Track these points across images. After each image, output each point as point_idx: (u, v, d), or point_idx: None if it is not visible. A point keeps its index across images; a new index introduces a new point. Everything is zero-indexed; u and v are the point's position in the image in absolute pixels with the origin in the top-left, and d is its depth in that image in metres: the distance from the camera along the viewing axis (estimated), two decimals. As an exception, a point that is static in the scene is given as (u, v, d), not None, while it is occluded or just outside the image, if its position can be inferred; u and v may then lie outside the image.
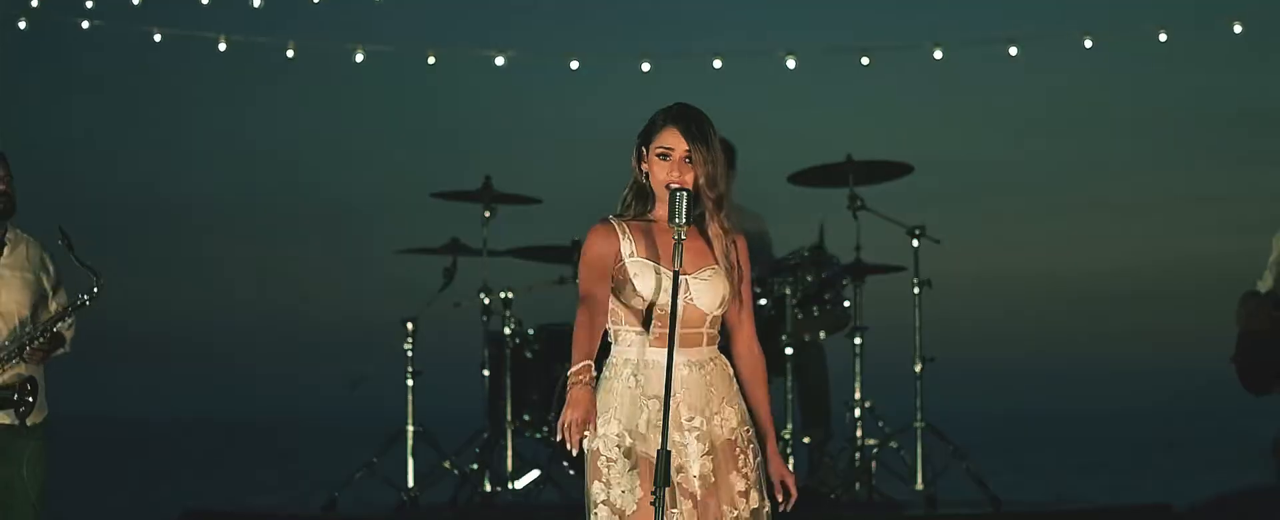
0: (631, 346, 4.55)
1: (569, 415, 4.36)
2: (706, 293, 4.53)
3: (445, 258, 9.32)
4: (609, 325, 4.59)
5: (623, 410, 4.52)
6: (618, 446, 4.50)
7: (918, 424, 8.81)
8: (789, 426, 8.74)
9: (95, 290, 5.85)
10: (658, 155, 4.55)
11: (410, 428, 9.05)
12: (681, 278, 4.48)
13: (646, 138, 4.60)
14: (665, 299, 4.49)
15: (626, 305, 4.55)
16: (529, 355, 9.16)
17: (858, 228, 8.95)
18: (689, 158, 4.53)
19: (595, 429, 4.48)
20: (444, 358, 9.77)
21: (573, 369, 4.42)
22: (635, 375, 4.53)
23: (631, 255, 4.54)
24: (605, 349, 4.64)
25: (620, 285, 4.54)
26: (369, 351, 9.55)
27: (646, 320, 4.54)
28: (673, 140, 4.55)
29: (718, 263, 4.56)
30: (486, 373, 9.29)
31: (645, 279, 4.51)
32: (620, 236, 4.55)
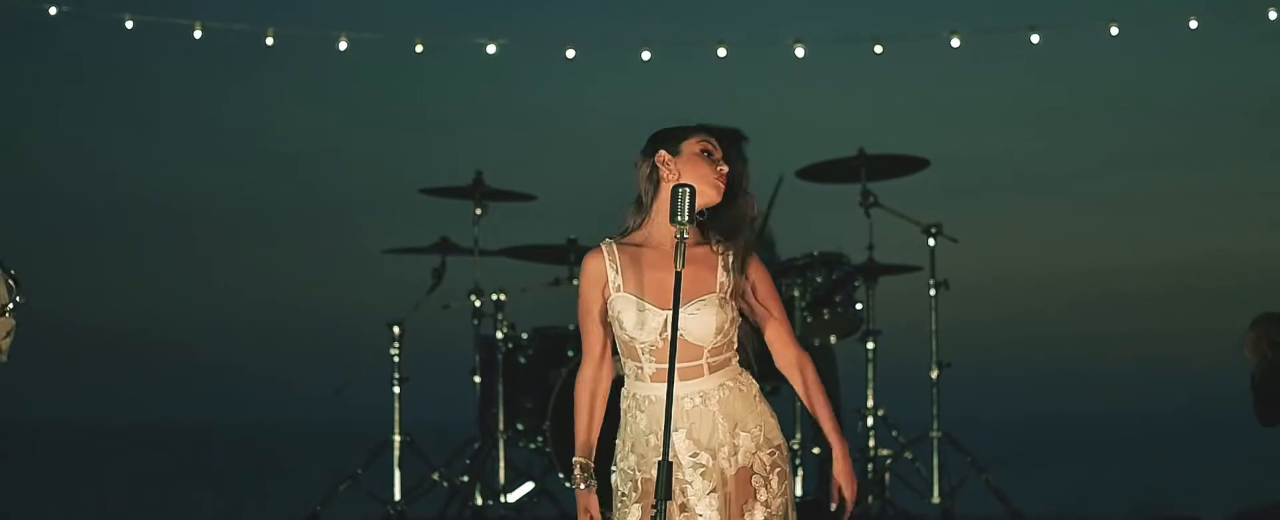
0: (636, 381, 4.57)
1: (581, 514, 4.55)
2: (697, 325, 4.50)
3: (434, 257, 9.32)
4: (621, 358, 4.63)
5: (637, 444, 4.56)
6: (630, 481, 4.55)
7: (934, 433, 8.81)
8: (797, 436, 8.74)
9: (17, 300, 5.78)
10: (701, 153, 4.54)
11: (397, 437, 9.05)
12: (668, 313, 4.46)
13: (674, 140, 4.57)
14: (646, 336, 4.50)
15: (619, 339, 4.57)
16: (522, 360, 9.15)
17: (870, 225, 8.96)
18: (726, 163, 4.55)
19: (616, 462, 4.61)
20: (433, 363, 9.77)
21: (574, 460, 4.58)
22: (640, 410, 4.55)
23: (619, 290, 4.54)
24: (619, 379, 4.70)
25: (615, 321, 4.55)
26: (353, 356, 9.54)
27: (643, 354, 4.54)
28: (714, 144, 4.57)
29: (713, 290, 4.51)
30: (478, 379, 9.29)
31: (629, 315, 4.51)
32: (608, 265, 4.55)
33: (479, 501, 9.01)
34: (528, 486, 9.12)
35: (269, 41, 11.15)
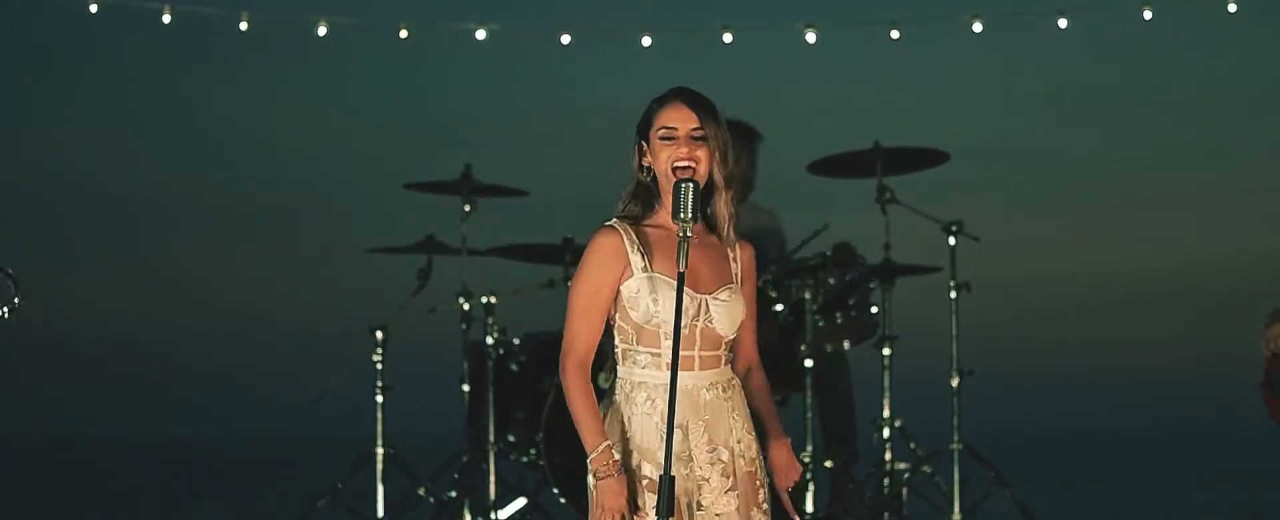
0: (646, 369, 4.54)
1: (606, 513, 4.38)
2: (725, 316, 4.52)
3: (420, 257, 9.31)
4: (618, 344, 4.58)
5: (638, 438, 4.50)
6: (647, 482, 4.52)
7: (954, 445, 8.80)
8: (809, 448, 8.73)
9: (16, 301, 5.78)
10: (661, 138, 4.53)
11: (380, 449, 9.04)
12: (702, 298, 4.50)
13: (645, 125, 4.59)
14: (686, 321, 4.47)
15: (643, 325, 4.52)
16: (514, 368, 9.15)
17: (887, 223, 8.95)
18: (699, 135, 4.52)
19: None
20: (418, 370, 9.77)
21: (592, 454, 4.42)
22: (652, 400, 4.51)
23: (645, 270, 4.50)
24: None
25: (633, 302, 4.51)
26: (333, 363, 9.54)
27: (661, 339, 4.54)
28: (678, 116, 4.54)
29: (733, 280, 4.56)
30: (466, 387, 9.28)
31: (666, 298, 4.47)
32: (629, 247, 4.52)
33: (467, 518, 9.00)
34: (520, 503, 9.12)
35: (243, 26, 11.15)
